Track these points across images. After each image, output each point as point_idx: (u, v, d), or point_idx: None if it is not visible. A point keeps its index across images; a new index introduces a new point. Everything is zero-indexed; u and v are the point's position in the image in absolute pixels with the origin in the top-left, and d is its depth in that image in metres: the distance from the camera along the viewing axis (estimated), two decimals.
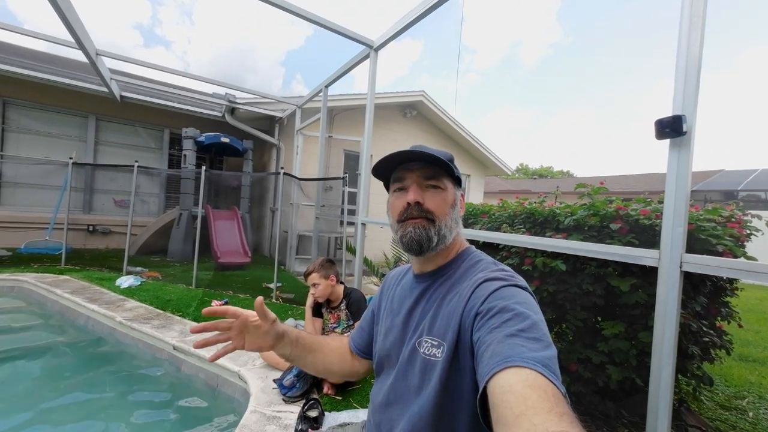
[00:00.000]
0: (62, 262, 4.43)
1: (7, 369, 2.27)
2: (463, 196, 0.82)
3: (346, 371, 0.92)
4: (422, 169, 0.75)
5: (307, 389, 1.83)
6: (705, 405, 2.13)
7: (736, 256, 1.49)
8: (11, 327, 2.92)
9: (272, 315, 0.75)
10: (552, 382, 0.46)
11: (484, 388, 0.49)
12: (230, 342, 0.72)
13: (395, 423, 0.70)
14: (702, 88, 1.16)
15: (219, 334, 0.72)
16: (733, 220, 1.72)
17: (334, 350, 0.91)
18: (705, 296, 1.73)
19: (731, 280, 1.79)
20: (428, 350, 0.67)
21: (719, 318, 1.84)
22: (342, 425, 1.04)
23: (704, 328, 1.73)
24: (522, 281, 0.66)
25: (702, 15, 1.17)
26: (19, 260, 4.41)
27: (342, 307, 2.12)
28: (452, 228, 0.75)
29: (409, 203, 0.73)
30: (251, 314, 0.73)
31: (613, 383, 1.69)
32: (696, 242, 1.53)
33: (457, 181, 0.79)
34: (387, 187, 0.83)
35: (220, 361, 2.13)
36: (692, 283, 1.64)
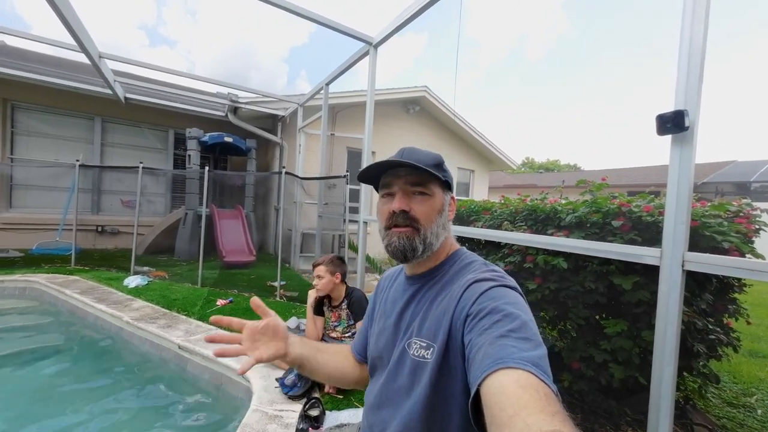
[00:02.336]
0: (72, 263, 4.53)
1: (19, 367, 2.34)
2: (453, 199, 0.81)
3: (357, 376, 0.89)
4: (409, 175, 0.73)
5: (309, 388, 1.85)
6: (712, 402, 2.10)
7: (742, 253, 1.46)
8: (25, 327, 3.00)
9: (272, 311, 0.75)
10: (543, 381, 0.46)
11: (477, 391, 0.49)
12: (251, 356, 0.68)
13: (387, 424, 0.70)
14: (713, 79, 1.13)
15: (235, 347, 0.70)
16: (741, 215, 1.67)
17: (340, 351, 0.92)
18: (711, 293, 1.69)
19: (739, 277, 1.75)
20: (417, 352, 0.68)
21: (726, 315, 1.80)
22: (339, 426, 1.04)
23: (710, 326, 1.70)
24: (511, 281, 0.66)
25: (705, 5, 1.13)
26: (31, 261, 4.52)
27: (343, 307, 2.13)
28: (439, 234, 0.75)
29: (394, 211, 0.73)
30: (255, 323, 0.72)
31: (615, 381, 1.68)
32: (700, 239, 1.49)
33: (447, 185, 0.78)
34: (377, 189, 0.83)
35: (224, 360, 2.16)
36: (697, 280, 1.61)
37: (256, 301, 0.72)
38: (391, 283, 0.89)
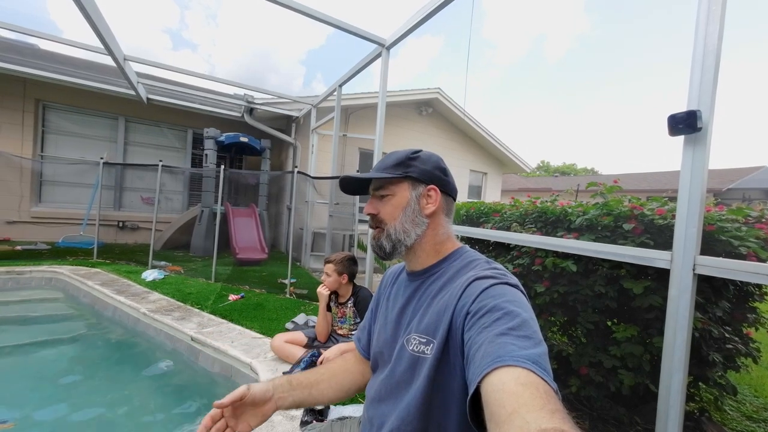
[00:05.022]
0: (94, 256, 4.73)
1: (42, 354, 2.47)
2: (435, 190, 0.77)
3: (359, 381, 0.89)
4: (373, 183, 0.81)
5: None
6: (729, 415, 2.02)
7: (761, 259, 1.40)
8: (50, 315, 3.16)
9: (242, 389, 0.71)
10: (543, 379, 0.46)
11: (477, 389, 0.49)
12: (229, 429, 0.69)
13: (386, 418, 0.71)
14: (744, 80, 1.10)
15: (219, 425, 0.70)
16: (763, 220, 1.62)
17: (337, 370, 0.90)
18: (728, 301, 1.63)
19: (759, 285, 1.68)
20: (416, 347, 0.68)
21: (746, 324, 1.73)
22: (341, 418, 1.06)
23: (727, 335, 1.64)
24: (513, 279, 0.66)
25: (721, 4, 1.11)
26: (57, 253, 4.75)
27: (349, 305, 2.15)
28: (408, 229, 0.76)
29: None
30: (234, 398, 0.70)
31: (625, 388, 1.64)
32: (716, 244, 1.45)
33: (419, 180, 0.77)
34: None
35: (234, 352, 2.22)
36: (713, 286, 1.56)
37: (216, 404, 0.69)
38: (394, 279, 0.90)
